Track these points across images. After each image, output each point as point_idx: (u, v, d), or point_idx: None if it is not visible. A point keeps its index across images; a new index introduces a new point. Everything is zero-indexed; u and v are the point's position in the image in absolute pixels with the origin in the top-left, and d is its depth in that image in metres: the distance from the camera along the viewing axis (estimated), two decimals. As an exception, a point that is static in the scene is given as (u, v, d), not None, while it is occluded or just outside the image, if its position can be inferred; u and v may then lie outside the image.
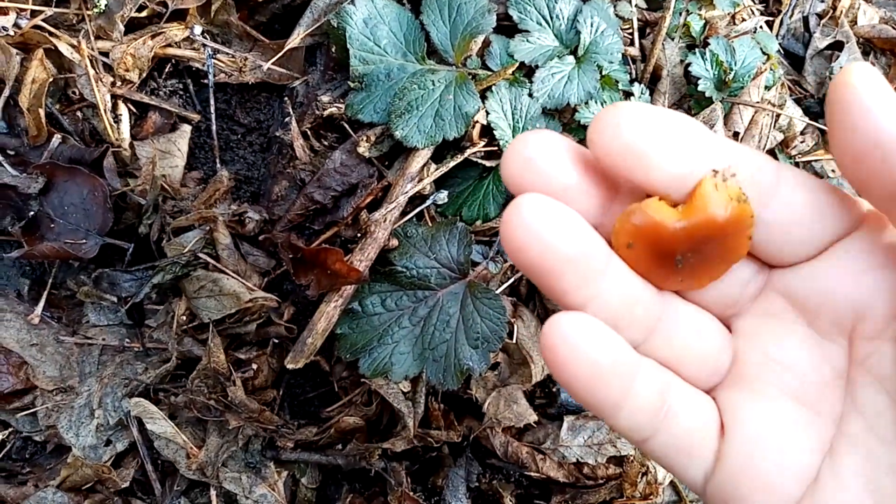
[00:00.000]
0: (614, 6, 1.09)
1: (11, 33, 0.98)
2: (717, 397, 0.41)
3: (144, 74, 1.04)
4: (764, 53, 1.16)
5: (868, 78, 0.33)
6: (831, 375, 0.39)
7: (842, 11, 1.33)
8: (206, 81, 1.08)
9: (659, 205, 0.36)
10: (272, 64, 1.06)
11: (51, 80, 0.99)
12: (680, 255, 0.37)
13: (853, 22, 1.33)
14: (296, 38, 1.04)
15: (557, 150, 0.36)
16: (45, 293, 1.02)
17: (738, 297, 0.41)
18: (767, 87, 1.15)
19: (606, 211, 0.38)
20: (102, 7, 1.00)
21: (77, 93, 1.02)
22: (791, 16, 1.32)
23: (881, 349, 0.37)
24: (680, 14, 1.15)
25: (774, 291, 0.40)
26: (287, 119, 1.03)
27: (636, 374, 0.37)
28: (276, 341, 1.01)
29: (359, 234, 0.97)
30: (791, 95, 1.27)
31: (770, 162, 0.38)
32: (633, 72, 1.13)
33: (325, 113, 1.00)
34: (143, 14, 1.03)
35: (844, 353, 0.39)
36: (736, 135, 1.10)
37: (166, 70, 1.08)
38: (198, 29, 1.06)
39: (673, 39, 1.14)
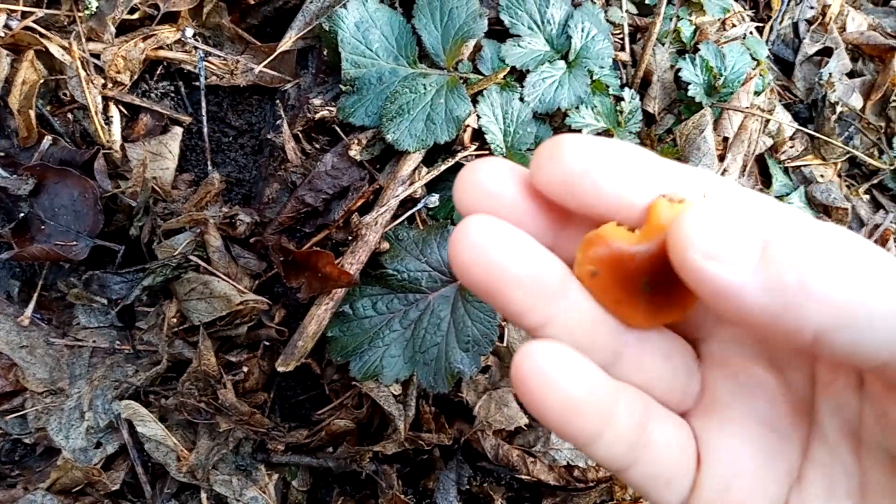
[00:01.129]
0: (605, 11, 1.10)
1: (2, 34, 0.97)
2: (691, 423, 0.40)
3: (136, 76, 1.04)
4: (754, 59, 1.17)
5: (706, 243, 0.31)
6: (797, 401, 0.39)
7: (831, 18, 1.34)
8: (197, 84, 1.07)
9: (616, 230, 0.35)
10: (264, 67, 1.07)
11: (41, 81, 0.99)
12: (646, 278, 0.36)
13: (842, 28, 1.35)
14: (287, 42, 1.05)
15: (508, 177, 0.36)
16: (36, 295, 1.01)
17: (702, 321, 0.41)
18: (757, 93, 1.15)
19: (559, 237, 0.38)
20: (94, 9, 1.00)
21: (68, 94, 1.02)
22: (781, 22, 1.33)
23: (840, 379, 0.37)
24: (670, 20, 1.15)
25: None
26: (278, 122, 1.03)
27: (616, 404, 0.36)
28: (267, 344, 1.01)
29: (350, 237, 0.97)
30: (780, 101, 1.28)
31: (730, 185, 0.37)
32: (624, 77, 1.14)
33: (317, 116, 1.00)
34: (135, 16, 1.03)
35: (808, 379, 0.39)
36: (725, 139, 1.11)
37: (157, 72, 1.08)
38: (189, 31, 1.06)
39: (663, 45, 1.15)
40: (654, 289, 0.36)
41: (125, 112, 1.05)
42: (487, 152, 1.01)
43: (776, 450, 0.39)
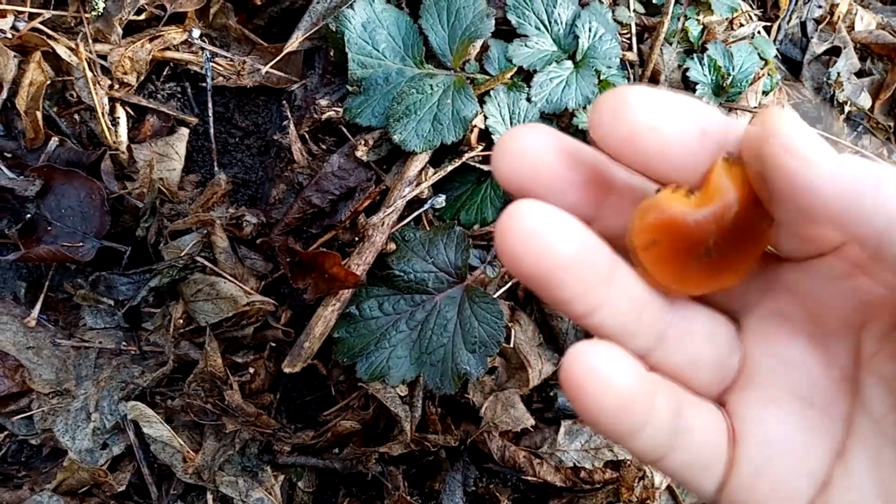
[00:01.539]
0: (613, 11, 1.09)
1: (9, 36, 0.97)
2: (728, 401, 0.40)
3: (142, 77, 1.04)
4: (762, 59, 1.16)
5: (790, 137, 0.31)
6: (840, 375, 0.38)
7: (839, 17, 1.33)
8: (204, 85, 1.07)
9: (674, 196, 0.34)
10: (270, 67, 1.06)
11: (48, 82, 0.99)
12: (707, 246, 0.35)
13: (850, 27, 1.34)
14: (294, 42, 1.04)
15: (550, 144, 0.35)
16: (42, 296, 1.02)
17: (745, 293, 0.40)
18: (765, 92, 1.15)
19: (600, 208, 0.37)
20: (101, 10, 1.00)
21: (75, 96, 1.02)
22: (789, 21, 1.33)
23: (887, 348, 0.36)
24: (678, 19, 1.15)
25: (783, 289, 0.39)
26: (285, 123, 1.03)
27: (655, 394, 0.36)
28: (274, 345, 1.01)
29: (356, 238, 0.97)
30: (789, 100, 1.27)
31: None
32: (631, 76, 1.13)
33: (324, 117, 1.00)
34: (142, 17, 1.03)
35: (852, 352, 0.38)
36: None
37: (164, 73, 1.08)
38: (196, 32, 1.06)
39: (671, 44, 1.14)
40: (713, 255, 0.35)
41: (132, 113, 1.05)
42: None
43: (817, 425, 0.38)
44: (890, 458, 0.36)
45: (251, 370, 0.98)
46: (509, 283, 1.01)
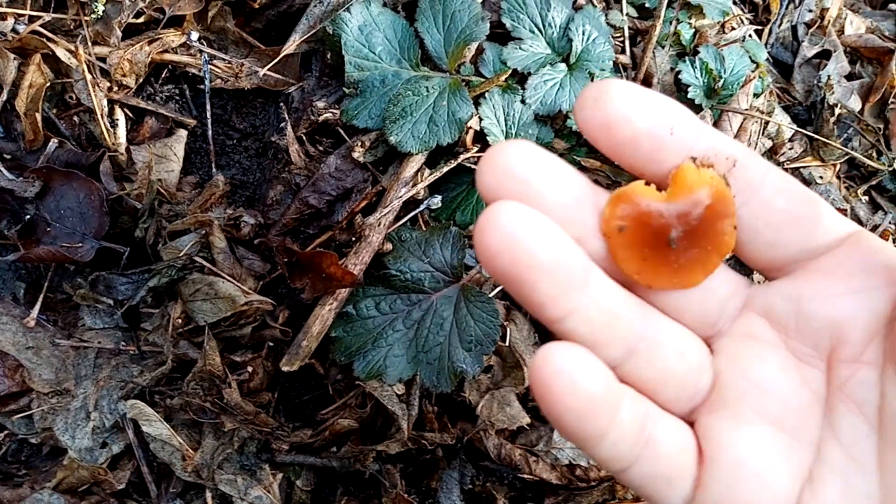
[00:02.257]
0: (606, 15, 1.11)
1: (9, 38, 0.98)
2: (697, 421, 0.40)
3: (141, 80, 1.05)
4: (753, 62, 1.18)
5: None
6: (811, 399, 0.39)
7: (829, 21, 1.35)
8: (202, 87, 1.08)
9: (645, 188, 0.36)
10: (268, 70, 1.07)
11: (48, 84, 1.00)
12: (670, 237, 0.37)
13: (840, 31, 1.36)
14: (291, 45, 1.05)
15: (533, 159, 0.36)
16: (41, 296, 1.02)
17: (718, 316, 0.41)
18: (756, 95, 1.16)
19: (585, 225, 0.38)
20: (100, 13, 1.01)
21: (74, 98, 1.03)
22: (780, 25, 1.34)
23: (859, 373, 0.37)
24: (670, 23, 1.16)
25: (754, 312, 0.40)
26: (282, 124, 1.04)
27: (620, 403, 0.37)
28: (272, 344, 1.01)
29: (353, 239, 0.98)
30: (779, 103, 1.29)
31: (760, 162, 0.37)
32: (624, 79, 1.14)
33: (321, 118, 1.01)
34: (141, 20, 1.04)
35: (823, 376, 0.39)
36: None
37: (163, 75, 1.09)
38: (194, 35, 1.07)
39: (663, 48, 1.16)
40: (679, 246, 0.37)
41: (130, 115, 1.06)
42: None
43: (785, 448, 0.38)
44: (860, 488, 0.36)
45: (249, 369, 0.98)
46: (505, 283, 1.02)
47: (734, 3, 1.26)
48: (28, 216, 0.99)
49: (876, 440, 0.36)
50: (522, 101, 1.02)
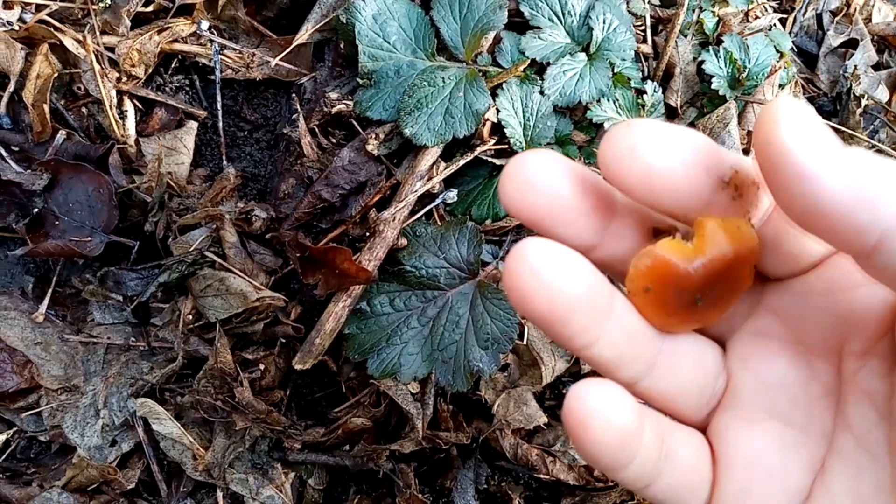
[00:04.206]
0: (627, 3, 1.08)
1: (16, 28, 0.96)
2: (710, 423, 0.41)
3: (150, 70, 1.03)
4: (777, 51, 1.14)
5: (801, 127, 0.30)
6: (821, 393, 0.39)
7: (856, 9, 1.31)
8: (212, 77, 1.06)
9: (671, 245, 0.36)
10: (280, 60, 1.05)
11: (55, 75, 0.98)
12: (699, 293, 0.37)
13: (867, 19, 1.32)
14: (304, 34, 1.03)
15: (558, 173, 0.35)
16: (50, 291, 1.01)
17: (731, 316, 0.41)
18: (781, 86, 1.13)
19: (605, 234, 0.37)
20: (108, 2, 0.99)
21: (82, 88, 1.01)
22: (804, 13, 1.31)
23: (869, 365, 0.37)
24: (693, 11, 1.13)
25: (765, 309, 0.40)
26: (294, 116, 1.01)
27: (643, 425, 0.37)
28: (284, 341, 1.00)
29: (367, 233, 0.96)
30: (804, 94, 1.25)
31: None
32: (646, 69, 1.11)
33: (334, 110, 0.98)
34: (150, 9, 1.02)
35: (834, 369, 0.39)
36: (750, 133, 1.09)
37: (172, 66, 1.06)
38: (204, 24, 1.04)
39: (686, 37, 1.13)
40: (701, 302, 0.37)
41: (140, 106, 1.04)
42: (507, 146, 0.99)
43: (796, 443, 0.39)
44: (870, 474, 0.37)
45: (261, 367, 0.97)
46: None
47: (758, -10, 1.23)
48: (36, 209, 0.98)
49: (886, 429, 0.36)
50: (541, 92, 0.99)
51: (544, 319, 0.34)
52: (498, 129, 0.99)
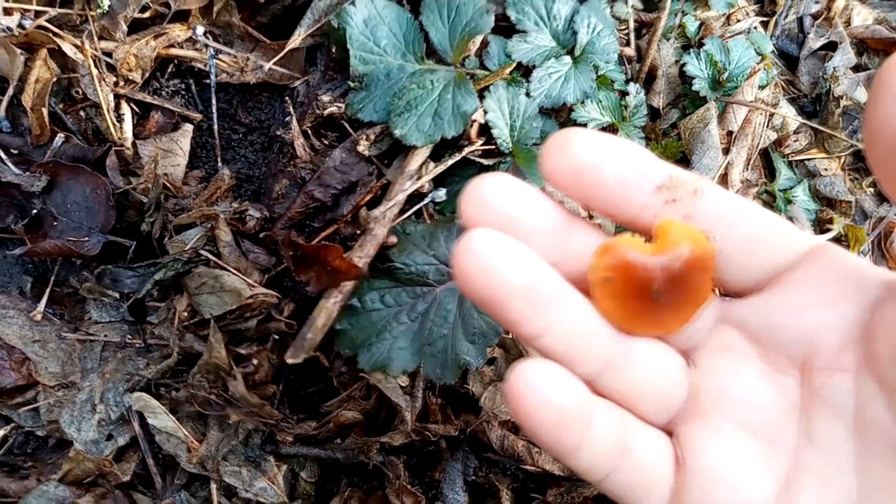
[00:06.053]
0: (611, 7, 1.11)
1: (16, 33, 0.99)
2: (676, 431, 0.42)
3: (147, 74, 1.06)
4: (758, 54, 1.17)
5: None
6: (787, 407, 0.39)
7: (836, 12, 1.34)
8: (208, 81, 1.09)
9: (632, 240, 0.38)
10: (273, 64, 1.08)
11: (54, 79, 1.01)
12: (654, 290, 0.38)
13: (847, 23, 1.35)
14: (297, 39, 1.06)
15: (513, 192, 0.38)
16: (48, 290, 1.03)
17: (694, 330, 0.42)
18: (762, 87, 1.16)
19: (562, 251, 0.39)
20: (106, 8, 1.02)
21: (80, 92, 1.03)
22: (786, 17, 1.34)
23: (834, 379, 0.37)
24: (675, 15, 1.16)
25: (729, 324, 0.41)
26: (288, 118, 1.04)
27: (593, 415, 0.38)
28: (277, 337, 1.02)
29: (358, 232, 0.98)
30: (785, 95, 1.28)
31: (719, 191, 0.39)
32: (629, 72, 1.14)
33: (326, 112, 1.01)
34: (146, 15, 1.04)
35: (798, 384, 0.39)
36: (730, 133, 1.12)
37: (169, 70, 1.09)
38: (200, 29, 1.07)
39: (668, 40, 1.15)
40: (662, 298, 0.38)
41: (137, 110, 1.07)
42: (494, 147, 1.02)
43: (761, 455, 0.39)
44: (837, 487, 0.37)
45: (254, 361, 0.99)
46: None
47: (740, -5, 1.26)
48: (35, 210, 1.00)
49: (854, 444, 0.37)
50: (527, 94, 1.02)
51: (484, 303, 0.37)
52: (485, 130, 1.02)
